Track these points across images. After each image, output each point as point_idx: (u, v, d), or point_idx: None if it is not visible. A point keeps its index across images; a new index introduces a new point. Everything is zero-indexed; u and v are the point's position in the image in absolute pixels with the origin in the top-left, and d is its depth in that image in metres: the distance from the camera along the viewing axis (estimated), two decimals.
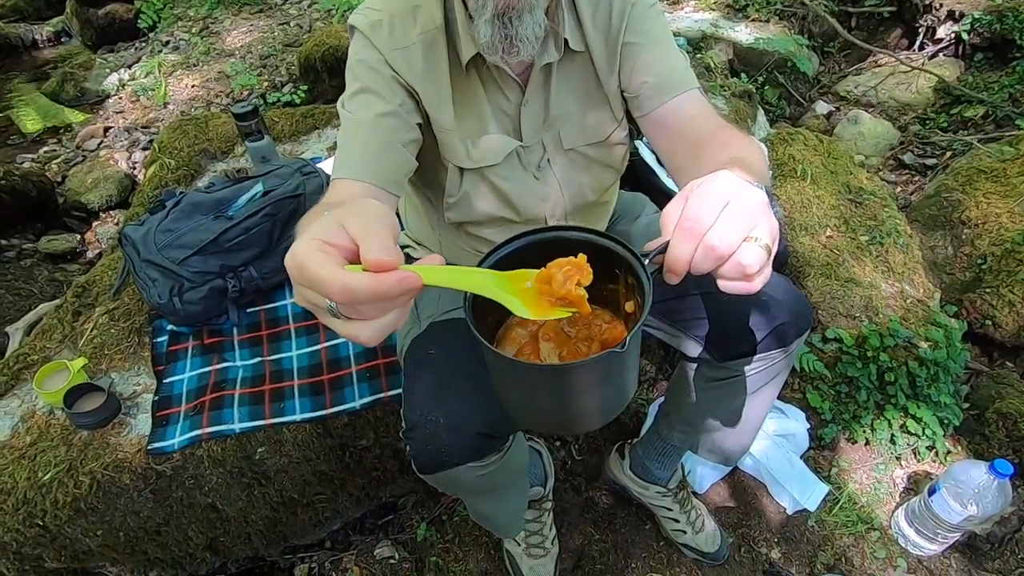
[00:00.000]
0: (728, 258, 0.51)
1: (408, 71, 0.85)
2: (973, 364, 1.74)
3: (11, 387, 1.33)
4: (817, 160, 1.81)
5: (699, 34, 2.53)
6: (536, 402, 0.59)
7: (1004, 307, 1.68)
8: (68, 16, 4.17)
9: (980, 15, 2.33)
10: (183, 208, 1.37)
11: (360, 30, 0.85)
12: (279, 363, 1.35)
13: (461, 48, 0.85)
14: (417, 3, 0.85)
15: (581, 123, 0.94)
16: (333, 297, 0.43)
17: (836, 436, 1.57)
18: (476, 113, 0.90)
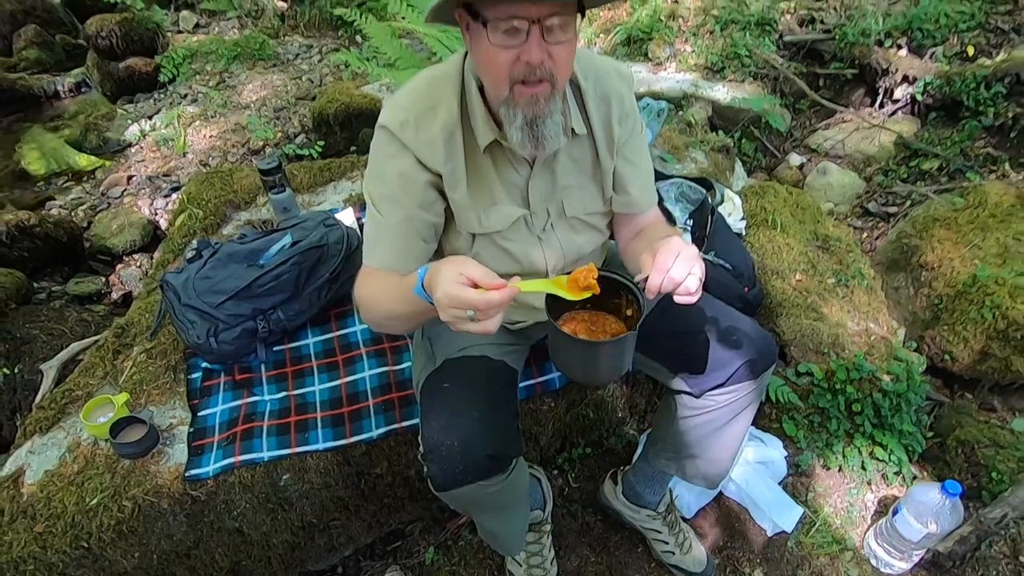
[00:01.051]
0: (680, 284, 0.90)
1: (432, 159, 1.01)
2: (935, 395, 1.90)
3: (57, 420, 1.46)
4: (787, 211, 2.00)
5: (680, 93, 2.77)
6: (576, 362, 0.98)
7: (959, 343, 1.85)
8: (89, 68, 4.41)
9: (931, 79, 2.58)
10: (219, 257, 1.53)
11: (391, 130, 1.01)
12: (303, 397, 1.48)
13: (478, 136, 1.02)
14: (436, 101, 1.02)
15: (582, 195, 1.12)
16: (477, 307, 0.78)
17: (811, 463, 1.70)
18: (488, 187, 1.07)
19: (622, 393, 1.73)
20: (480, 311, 0.78)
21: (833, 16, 3.05)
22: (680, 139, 2.37)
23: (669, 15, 3.26)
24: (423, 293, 0.88)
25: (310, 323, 1.63)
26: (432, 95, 1.02)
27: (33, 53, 4.57)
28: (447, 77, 1.03)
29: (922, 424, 1.76)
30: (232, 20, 4.53)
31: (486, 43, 0.89)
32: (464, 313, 0.79)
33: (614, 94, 1.09)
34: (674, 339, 1.21)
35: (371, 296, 1.04)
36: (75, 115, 4.00)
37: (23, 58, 4.55)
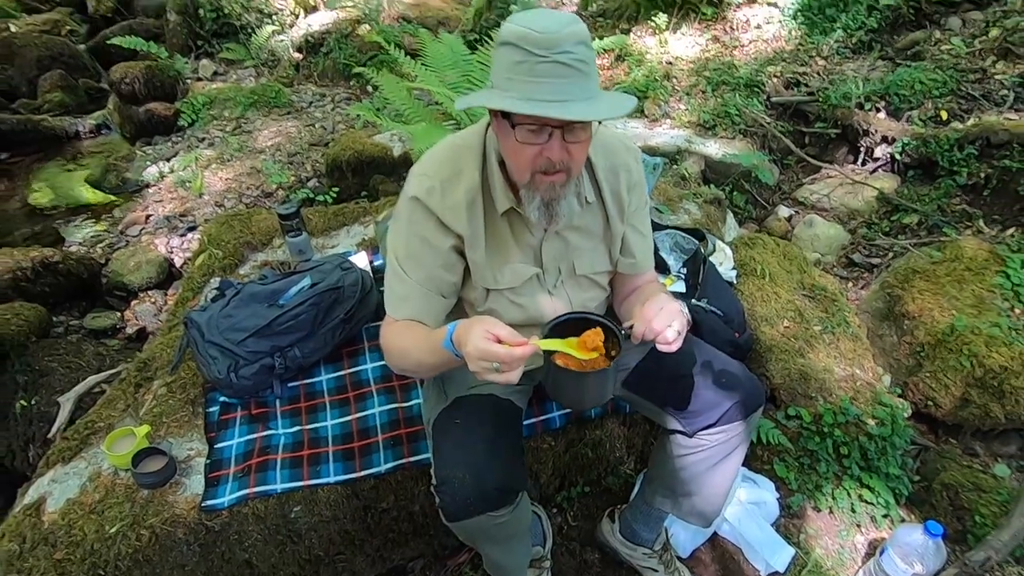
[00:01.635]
0: (660, 333, 1.02)
1: (455, 223, 1.12)
2: (920, 440, 1.97)
3: (79, 450, 1.52)
4: (775, 261, 2.12)
5: (675, 148, 2.94)
6: (567, 390, 1.11)
7: (941, 389, 1.94)
8: (110, 111, 4.61)
9: (908, 140, 2.76)
10: (242, 297, 1.62)
11: (419, 198, 1.11)
12: (316, 431, 1.55)
13: (497, 203, 1.14)
14: (460, 169, 1.13)
15: (591, 256, 1.24)
16: (503, 360, 0.92)
17: (802, 505, 1.76)
18: (504, 248, 1.18)
19: (620, 433, 1.80)
20: (505, 364, 0.92)
21: (816, 80, 3.27)
22: (675, 191, 2.52)
23: (664, 76, 3.48)
24: (451, 347, 1.00)
25: (324, 360, 1.71)
26: (456, 163, 1.13)
27: (57, 96, 4.78)
28: (469, 147, 1.15)
29: (908, 468, 1.83)
30: (249, 69, 4.77)
31: (513, 139, 1.01)
32: (491, 365, 0.93)
33: (622, 166, 1.21)
34: (668, 381, 1.30)
35: (400, 347, 1.16)
36: (94, 155, 4.17)
37: (47, 100, 4.76)
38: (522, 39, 0.93)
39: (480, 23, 4.60)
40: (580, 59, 0.94)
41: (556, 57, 0.93)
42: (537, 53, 0.93)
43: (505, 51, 0.97)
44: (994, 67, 3.04)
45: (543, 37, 0.92)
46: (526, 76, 0.94)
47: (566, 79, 0.94)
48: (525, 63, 0.94)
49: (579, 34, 0.95)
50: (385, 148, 2.99)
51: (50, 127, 4.43)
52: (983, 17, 3.34)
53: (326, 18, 5.00)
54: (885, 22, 3.48)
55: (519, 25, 0.95)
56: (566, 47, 0.93)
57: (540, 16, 0.96)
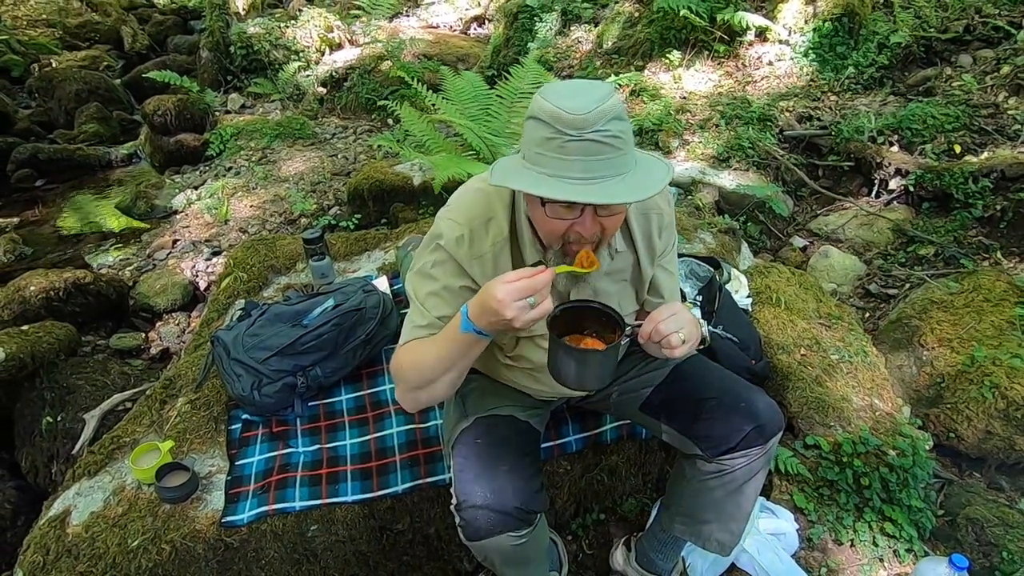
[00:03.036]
0: (665, 336, 1.03)
1: (481, 275, 1.12)
2: (943, 473, 1.93)
3: (104, 465, 1.55)
4: (790, 290, 2.13)
5: (689, 180, 2.99)
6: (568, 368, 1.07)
7: (963, 422, 1.91)
8: (142, 142, 4.82)
9: (922, 173, 2.79)
10: (267, 317, 1.67)
11: (446, 247, 1.11)
12: (335, 450, 1.57)
13: (525, 255, 1.14)
14: (490, 216, 1.13)
15: (619, 299, 1.24)
16: (534, 288, 0.93)
17: (823, 537, 1.73)
18: None
19: (636, 460, 1.79)
20: (537, 293, 0.93)
21: (829, 115, 3.33)
22: (689, 221, 2.55)
23: (678, 109, 3.56)
24: (471, 326, 0.99)
25: (344, 380, 1.74)
26: (485, 211, 1.13)
27: (92, 127, 5.01)
28: (499, 194, 1.14)
29: (931, 501, 1.79)
30: (276, 103, 4.96)
31: (541, 212, 1.00)
32: (526, 302, 0.93)
33: (654, 209, 1.22)
34: (688, 404, 1.31)
35: (412, 359, 1.13)
36: (125, 183, 4.34)
37: (83, 131, 4.99)
38: (554, 119, 0.91)
39: (498, 60, 4.76)
40: (613, 135, 0.91)
41: (588, 136, 0.90)
42: (568, 133, 0.90)
43: (535, 126, 0.94)
44: (1006, 102, 3.07)
45: (575, 118, 0.90)
46: (556, 153, 0.92)
47: (598, 157, 0.91)
48: (555, 140, 0.92)
49: (612, 111, 0.91)
50: (406, 177, 3.08)
51: (84, 156, 4.64)
52: (994, 54, 3.39)
53: (350, 55, 5.21)
54: (896, 59, 3.55)
55: (550, 103, 0.92)
56: (598, 126, 0.90)
57: (572, 92, 0.93)
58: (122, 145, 4.89)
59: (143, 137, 4.83)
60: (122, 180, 4.48)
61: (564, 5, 4.86)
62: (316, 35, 5.28)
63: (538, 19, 4.81)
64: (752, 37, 3.83)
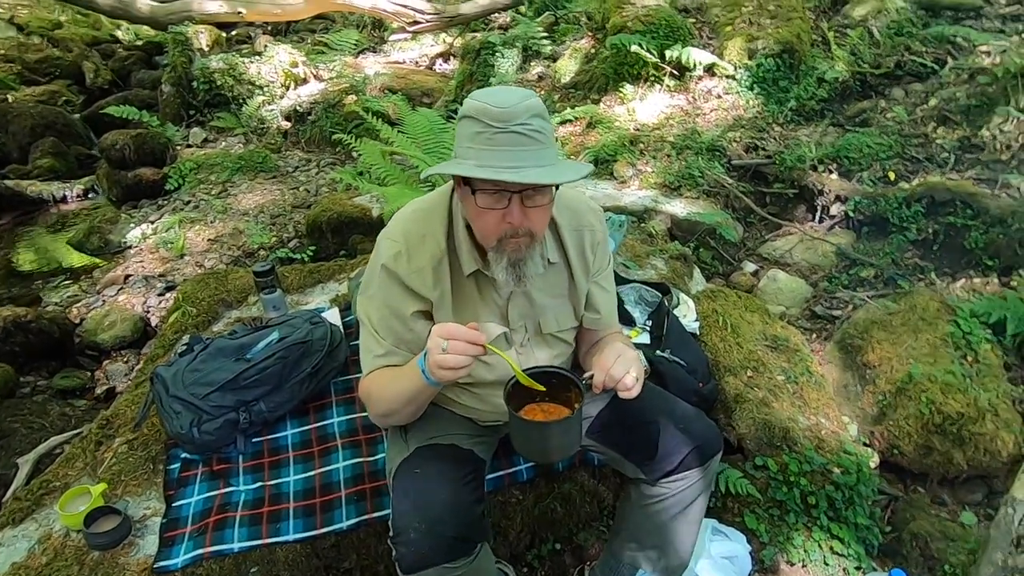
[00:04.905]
0: (619, 380, 1.08)
1: (422, 287, 1.16)
2: (889, 490, 1.98)
3: (31, 512, 1.48)
4: (736, 313, 2.19)
5: (642, 207, 3.08)
6: (532, 441, 1.14)
7: (904, 437, 1.97)
8: (99, 176, 4.72)
9: (860, 199, 2.93)
10: (210, 351, 1.64)
11: (386, 265, 1.17)
12: (278, 487, 1.53)
13: (463, 265, 1.18)
14: (425, 232, 1.18)
15: (556, 314, 1.28)
16: (451, 335, 1.01)
17: (775, 558, 1.74)
18: (472, 309, 1.21)
19: (590, 487, 1.79)
20: (450, 342, 1.00)
21: (773, 144, 3.48)
22: (642, 248, 2.62)
23: (631, 140, 3.68)
24: (423, 362, 1.07)
25: (289, 415, 1.71)
26: (421, 227, 1.18)
27: (47, 162, 4.90)
28: (435, 211, 1.20)
29: (876, 517, 1.83)
30: (239, 136, 4.95)
31: (474, 204, 1.06)
32: (438, 345, 1.00)
33: (586, 226, 1.27)
34: (627, 429, 1.33)
35: (380, 384, 1.21)
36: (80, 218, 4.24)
37: (37, 166, 4.87)
38: (481, 112, 1.01)
39: (461, 94, 4.86)
40: (536, 129, 1.01)
41: (512, 128, 1.00)
42: (495, 125, 1.00)
43: (466, 123, 1.04)
44: (935, 132, 3.27)
45: (500, 111, 1.00)
46: (484, 145, 1.01)
47: (522, 148, 1.00)
48: (483, 133, 1.01)
49: (535, 108, 1.02)
50: (365, 209, 3.09)
51: (37, 192, 4.51)
52: (923, 88, 3.62)
53: (315, 89, 5.26)
54: (834, 93, 3.75)
55: (478, 101, 1.03)
56: (522, 119, 1.00)
57: (498, 92, 1.04)
58: (78, 180, 4.79)
59: (100, 172, 4.75)
60: (76, 215, 4.38)
61: (525, 42, 5.02)
62: (281, 71, 5.32)
63: (500, 55, 4.95)
64: (700, 72, 4.00)
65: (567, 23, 5.17)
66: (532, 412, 1.16)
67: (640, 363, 1.14)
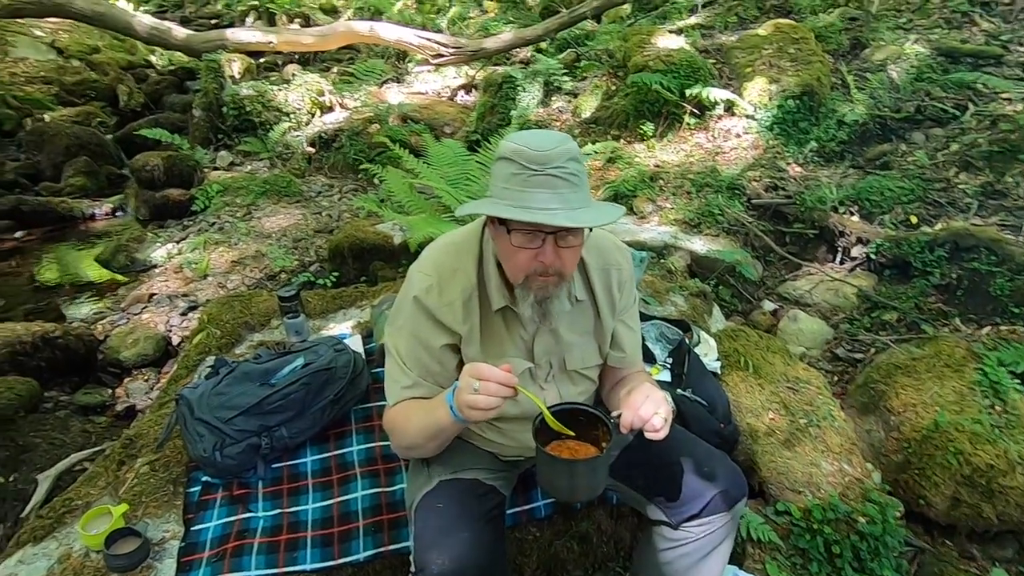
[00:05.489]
0: (647, 421, 1.07)
1: (452, 321, 1.18)
2: (916, 542, 1.92)
3: (53, 530, 1.48)
4: (758, 354, 2.17)
5: (662, 243, 3.09)
6: (559, 479, 1.12)
7: (932, 488, 1.92)
8: (127, 195, 4.86)
9: (882, 241, 2.93)
10: (236, 375, 1.66)
11: (418, 297, 1.18)
12: (296, 515, 1.53)
13: (492, 300, 1.19)
14: (457, 266, 1.20)
15: (582, 351, 1.29)
16: (483, 376, 1.02)
17: None
18: (499, 343, 1.23)
19: (607, 527, 1.76)
20: (481, 382, 1.01)
21: (793, 185, 3.50)
22: (662, 284, 2.62)
23: (652, 176, 3.72)
24: (451, 398, 1.08)
25: (310, 441, 1.71)
26: (453, 262, 1.21)
27: (79, 180, 5.05)
28: (467, 247, 1.22)
29: (903, 570, 1.77)
30: (264, 161, 5.07)
31: (508, 243, 1.09)
32: (469, 385, 1.01)
33: (613, 265, 1.29)
34: (650, 469, 1.31)
35: (405, 416, 1.21)
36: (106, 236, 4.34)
37: (69, 184, 5.02)
38: (518, 155, 1.04)
39: (482, 125, 4.96)
40: (571, 172, 1.04)
41: (548, 171, 1.03)
42: (531, 167, 1.03)
43: (503, 164, 1.07)
44: (957, 177, 3.27)
45: (537, 154, 1.03)
46: (521, 186, 1.03)
47: (557, 190, 1.03)
48: (520, 175, 1.03)
49: (570, 152, 1.05)
50: (386, 236, 3.14)
51: (67, 208, 4.65)
52: (944, 133, 3.64)
53: (340, 117, 5.39)
54: (854, 135, 3.78)
55: (516, 143, 1.06)
56: (558, 163, 1.03)
57: (535, 136, 1.07)
58: (108, 199, 4.93)
59: (129, 191, 4.88)
60: (104, 233, 4.49)
61: (546, 77, 5.13)
62: (308, 98, 5.48)
63: (521, 89, 5.07)
64: (720, 111, 4.06)
65: (588, 61, 5.29)
66: (558, 449, 1.15)
67: (668, 404, 1.14)
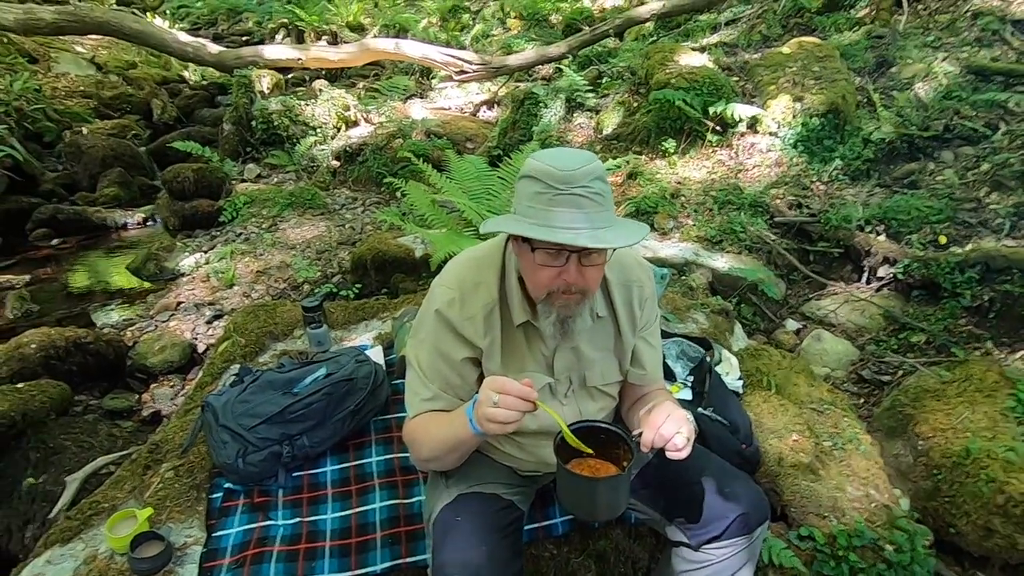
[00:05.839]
0: (669, 440, 1.06)
1: (473, 334, 1.19)
2: (947, 572, 1.86)
3: (80, 531, 1.52)
4: (781, 374, 2.14)
5: (683, 260, 3.07)
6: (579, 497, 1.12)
7: (962, 516, 1.86)
8: (159, 206, 5.00)
9: (910, 262, 2.87)
10: (260, 384, 1.69)
11: (440, 310, 1.19)
12: (315, 524, 1.54)
13: (514, 315, 1.20)
14: (479, 280, 1.21)
15: (602, 367, 1.29)
16: (504, 390, 1.02)
17: None
18: (519, 358, 1.24)
19: (625, 546, 1.74)
20: (501, 395, 1.02)
21: (818, 203, 3.46)
22: (683, 301, 2.60)
23: (673, 193, 3.71)
24: (471, 411, 1.09)
25: (330, 451, 1.73)
26: (476, 276, 1.22)
27: (113, 191, 5.22)
28: (489, 261, 1.23)
29: None
30: (291, 173, 5.18)
31: (532, 260, 1.10)
32: (489, 398, 1.02)
33: (635, 282, 1.29)
34: (670, 488, 1.30)
35: (425, 428, 1.22)
36: (138, 245, 4.48)
37: (103, 194, 5.19)
38: (544, 174, 1.05)
39: (504, 141, 5.01)
40: (596, 192, 1.05)
41: (574, 190, 1.03)
42: (557, 187, 1.03)
43: (528, 183, 1.08)
44: (988, 197, 3.20)
45: (563, 174, 1.03)
46: (546, 205, 1.04)
47: (583, 209, 1.03)
48: (545, 194, 1.04)
49: (595, 171, 1.06)
50: (408, 249, 3.18)
51: (101, 218, 4.81)
52: (974, 152, 3.57)
53: (365, 132, 5.50)
54: (880, 153, 3.73)
55: (542, 162, 1.06)
56: (583, 182, 1.03)
57: (561, 155, 1.08)
58: (140, 208, 5.08)
59: (160, 201, 5.03)
60: (135, 242, 4.62)
61: (568, 93, 5.18)
62: (334, 113, 5.60)
63: (543, 105, 5.12)
64: (744, 128, 4.05)
65: (611, 78, 5.32)
66: (578, 467, 1.15)
67: (690, 423, 1.13)
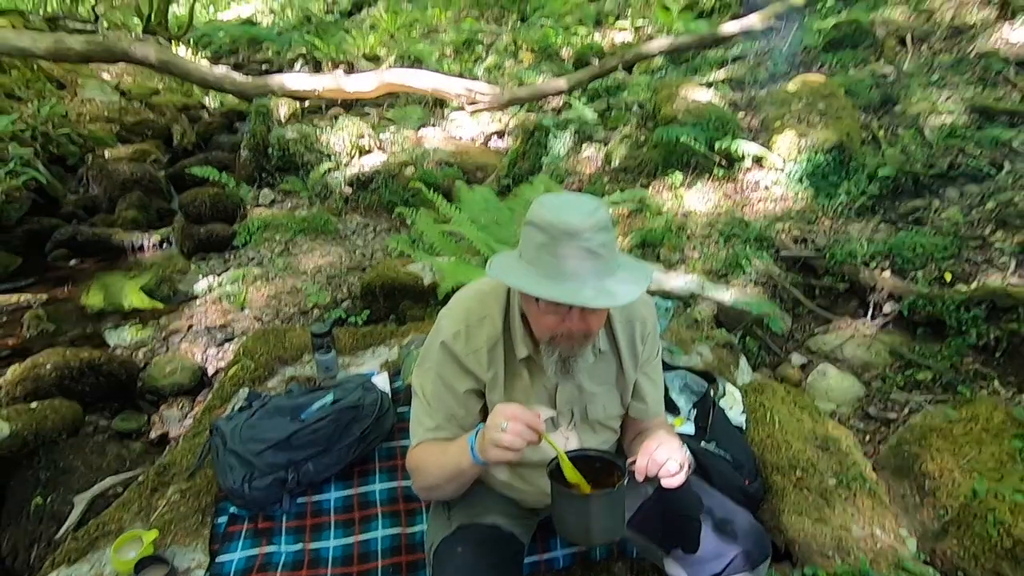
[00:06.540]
0: (662, 465, 1.11)
1: (477, 366, 1.23)
2: None
3: (86, 552, 1.54)
4: (785, 409, 2.14)
5: (688, 293, 3.10)
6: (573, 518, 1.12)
7: (971, 560, 1.83)
8: (175, 229, 5.12)
9: (915, 298, 2.87)
10: (268, 409, 1.72)
11: (445, 343, 1.23)
12: (317, 552, 1.55)
13: (517, 349, 1.24)
14: (485, 314, 1.25)
15: (604, 401, 1.31)
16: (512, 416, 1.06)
17: None
18: (522, 391, 1.26)
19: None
20: (509, 422, 1.05)
21: (823, 238, 3.49)
22: (688, 334, 2.62)
23: (679, 226, 3.76)
24: (473, 439, 1.12)
25: (335, 478, 1.75)
26: (481, 309, 1.26)
27: (131, 214, 5.36)
28: (495, 295, 1.27)
29: None
30: (304, 199, 5.30)
31: (536, 307, 1.13)
32: (498, 425, 1.05)
33: (638, 317, 1.32)
34: (669, 520, 1.31)
35: (427, 455, 1.24)
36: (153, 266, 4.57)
37: (122, 217, 5.33)
38: (548, 226, 1.07)
39: (514, 171, 5.11)
40: (600, 244, 1.06)
41: (578, 244, 1.05)
42: (560, 240, 1.06)
43: (533, 231, 1.10)
44: (993, 235, 3.22)
45: (567, 227, 1.05)
46: (550, 256, 1.06)
47: (586, 261, 1.06)
48: (548, 245, 1.06)
49: (600, 223, 1.06)
50: (416, 277, 3.23)
51: (119, 240, 4.93)
52: (979, 190, 3.60)
53: (377, 160, 5.62)
54: (885, 189, 3.77)
55: (547, 212, 1.07)
56: (588, 234, 1.05)
57: (566, 206, 1.08)
58: (156, 231, 5.20)
59: (176, 225, 5.14)
60: (151, 263, 4.72)
61: (577, 125, 5.29)
62: (348, 141, 5.74)
63: (553, 136, 5.23)
64: (749, 163, 4.11)
65: (619, 111, 5.44)
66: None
67: (684, 451, 1.14)
